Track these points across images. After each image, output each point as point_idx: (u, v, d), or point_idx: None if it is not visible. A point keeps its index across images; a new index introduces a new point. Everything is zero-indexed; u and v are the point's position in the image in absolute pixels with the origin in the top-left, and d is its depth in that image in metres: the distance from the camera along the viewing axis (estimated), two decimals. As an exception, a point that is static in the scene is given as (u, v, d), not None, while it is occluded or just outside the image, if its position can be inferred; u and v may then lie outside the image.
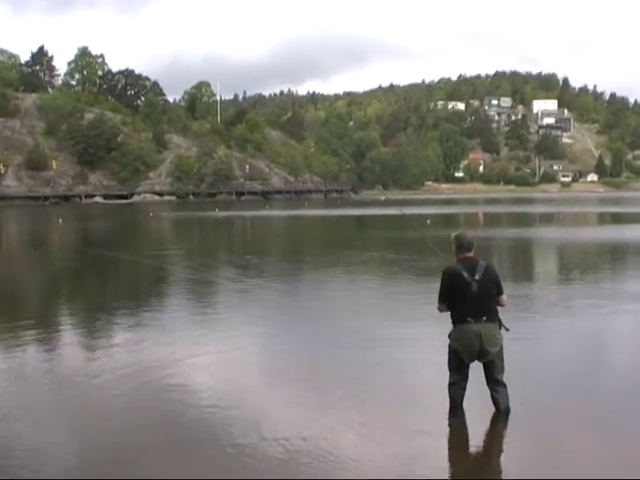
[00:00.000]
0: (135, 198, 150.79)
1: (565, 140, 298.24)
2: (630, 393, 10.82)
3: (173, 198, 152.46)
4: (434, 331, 12.82)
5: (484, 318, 9.13)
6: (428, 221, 58.97)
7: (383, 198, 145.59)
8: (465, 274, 9.17)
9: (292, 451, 8.30)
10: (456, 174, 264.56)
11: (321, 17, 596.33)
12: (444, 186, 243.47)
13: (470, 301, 9.12)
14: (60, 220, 69.64)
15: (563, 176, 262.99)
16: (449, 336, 9.42)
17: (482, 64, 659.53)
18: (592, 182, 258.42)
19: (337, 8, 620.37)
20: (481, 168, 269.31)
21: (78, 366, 12.67)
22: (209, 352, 13.45)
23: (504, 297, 9.51)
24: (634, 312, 17.92)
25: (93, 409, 10.21)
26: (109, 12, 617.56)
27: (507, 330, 9.48)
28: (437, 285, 9.47)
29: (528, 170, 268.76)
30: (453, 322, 9.37)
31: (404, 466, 7.95)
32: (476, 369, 9.40)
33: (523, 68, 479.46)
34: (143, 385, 11.30)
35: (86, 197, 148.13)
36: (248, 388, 11.24)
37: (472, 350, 9.19)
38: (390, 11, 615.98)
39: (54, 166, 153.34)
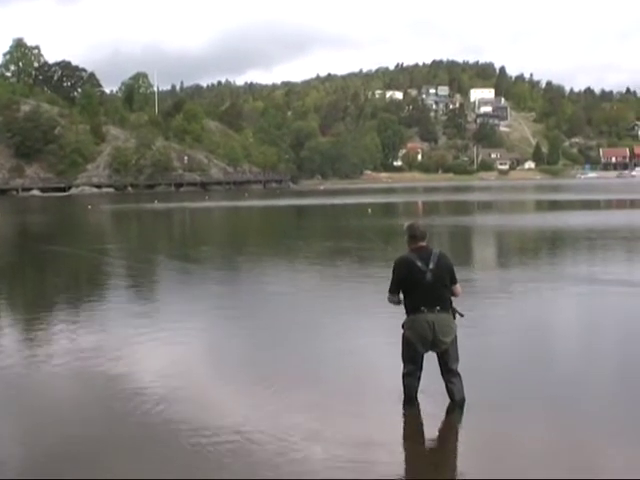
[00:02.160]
0: (73, 191, 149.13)
1: (502, 128, 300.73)
2: (580, 376, 10.97)
3: (111, 190, 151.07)
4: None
5: (438, 307, 9.11)
6: (369, 210, 59.21)
7: (322, 187, 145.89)
8: (419, 263, 9.14)
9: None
10: (395, 163, 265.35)
11: (263, 6, 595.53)
12: (383, 175, 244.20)
13: (424, 290, 9.09)
14: (-3, 214, 68.72)
15: (501, 164, 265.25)
16: (403, 326, 9.39)
17: (420, 53, 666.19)
18: (529, 170, 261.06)
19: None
20: (419, 157, 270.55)
21: (18, 358, 12.51)
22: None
23: (458, 287, 9.49)
24: (575, 294, 18.61)
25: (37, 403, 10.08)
26: (50, 2, 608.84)
27: (462, 316, 9.49)
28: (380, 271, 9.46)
29: (466, 158, 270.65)
30: (407, 312, 9.33)
31: (356, 454, 7.93)
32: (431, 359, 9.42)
33: (462, 57, 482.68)
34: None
35: (23, 190, 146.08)
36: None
37: (426, 340, 9.16)
38: (331, 0, 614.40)
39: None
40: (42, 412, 9.80)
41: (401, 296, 9.43)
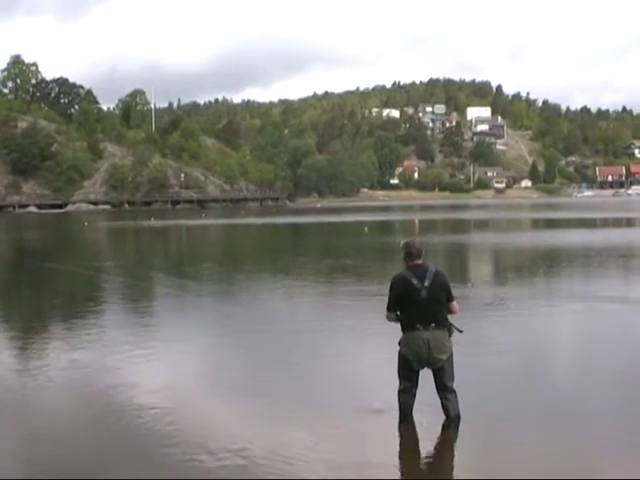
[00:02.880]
0: (69, 207, 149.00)
1: (499, 147, 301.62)
2: (577, 391, 11.04)
3: (108, 207, 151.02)
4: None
5: (433, 325, 9.15)
6: (366, 229, 59.27)
7: (319, 205, 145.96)
8: (414, 281, 9.19)
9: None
10: (391, 181, 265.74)
11: (261, 24, 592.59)
12: (379, 193, 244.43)
13: (419, 308, 9.15)
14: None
15: (497, 182, 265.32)
16: (399, 343, 9.44)
17: (417, 71, 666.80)
18: (526, 188, 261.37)
19: (277, 16, 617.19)
20: (416, 175, 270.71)
21: (19, 372, 12.54)
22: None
23: (455, 304, 9.51)
24: (572, 311, 18.73)
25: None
26: (50, 19, 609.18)
27: (460, 332, 9.54)
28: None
29: (462, 177, 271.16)
30: (402, 329, 9.40)
31: (354, 472, 7.97)
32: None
33: (458, 75, 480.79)
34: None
35: (20, 207, 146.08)
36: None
37: (421, 357, 9.21)
38: (331, 18, 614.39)
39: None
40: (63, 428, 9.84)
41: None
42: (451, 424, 9.32)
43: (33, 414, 10.46)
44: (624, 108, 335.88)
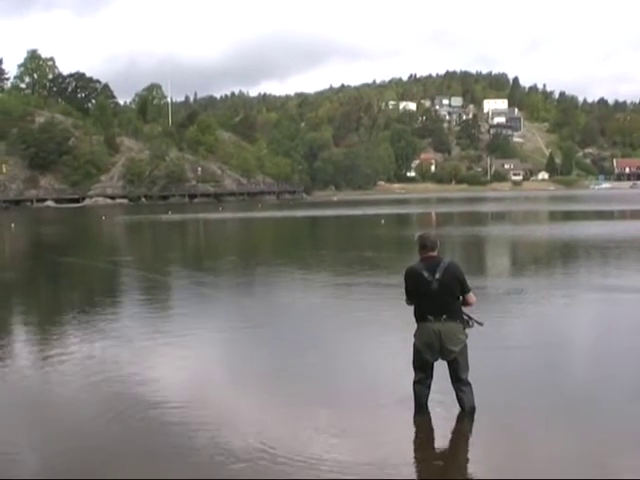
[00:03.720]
0: (87, 202, 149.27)
1: (516, 139, 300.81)
2: (592, 381, 11.08)
3: (125, 201, 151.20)
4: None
5: (444, 317, 9.23)
6: (382, 221, 59.30)
7: (336, 199, 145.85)
8: (425, 273, 9.26)
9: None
10: (408, 174, 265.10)
11: (277, 18, 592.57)
12: (396, 186, 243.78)
13: (430, 299, 9.23)
14: (12, 225, 68.94)
15: (514, 175, 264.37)
16: (414, 334, 9.52)
17: (433, 64, 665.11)
18: (543, 180, 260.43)
19: (294, 10, 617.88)
20: (433, 168, 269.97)
21: (39, 364, 12.66)
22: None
23: (471, 295, 9.55)
24: (591, 300, 18.97)
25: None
26: (68, 13, 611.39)
27: (481, 325, 9.63)
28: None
29: (479, 169, 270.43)
30: (416, 320, 9.49)
31: (366, 465, 8.03)
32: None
33: (475, 68, 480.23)
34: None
35: (37, 201, 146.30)
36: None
37: (432, 348, 9.30)
38: (347, 11, 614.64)
39: (4, 170, 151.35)
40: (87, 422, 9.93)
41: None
42: (466, 416, 9.38)
43: (54, 406, 10.56)
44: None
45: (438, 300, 9.23)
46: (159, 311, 19.19)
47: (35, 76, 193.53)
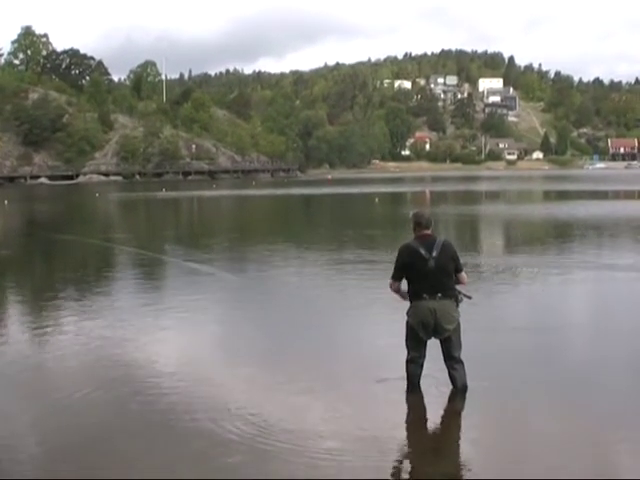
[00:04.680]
0: (81, 179, 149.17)
1: (511, 118, 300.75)
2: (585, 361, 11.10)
3: (119, 178, 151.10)
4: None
5: (439, 295, 9.21)
6: (376, 199, 59.30)
7: (330, 177, 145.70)
8: (422, 251, 9.22)
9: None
10: (402, 152, 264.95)
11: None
12: (390, 164, 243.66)
13: (426, 278, 9.19)
14: (5, 202, 68.71)
15: (509, 154, 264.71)
16: (407, 313, 9.49)
17: (429, 42, 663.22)
18: (537, 160, 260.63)
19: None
20: (427, 146, 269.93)
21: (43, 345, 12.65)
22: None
23: (463, 274, 9.59)
24: (584, 279, 19.23)
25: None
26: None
27: (470, 298, 9.63)
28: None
29: (474, 148, 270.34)
30: (410, 299, 9.45)
31: (360, 441, 8.04)
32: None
33: (470, 47, 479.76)
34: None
35: (31, 178, 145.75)
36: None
37: (427, 326, 9.27)
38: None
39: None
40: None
41: (403, 285, 9.55)
42: (458, 394, 9.38)
43: (52, 385, 10.53)
44: (637, 80, 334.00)
45: (434, 278, 9.20)
46: (153, 289, 19.21)
47: (29, 52, 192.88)
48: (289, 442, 7.99)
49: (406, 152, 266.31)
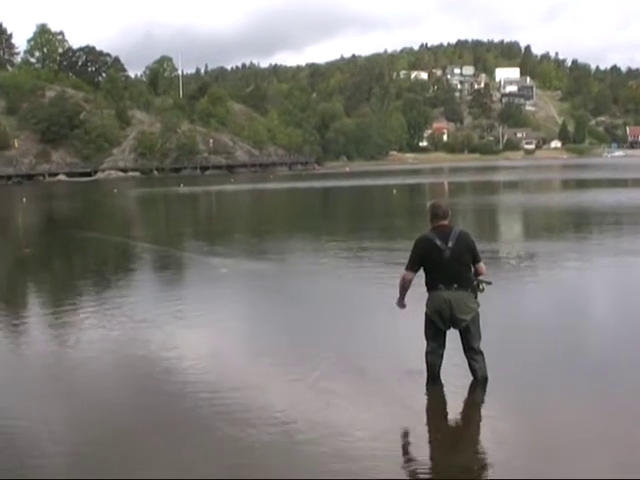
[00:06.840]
0: (99, 175, 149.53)
1: (528, 108, 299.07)
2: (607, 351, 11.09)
3: (137, 174, 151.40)
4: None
5: (455, 285, 9.22)
6: (394, 191, 59.28)
7: (347, 169, 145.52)
8: (438, 242, 9.24)
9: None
10: (420, 144, 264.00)
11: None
12: (408, 156, 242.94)
13: (442, 268, 9.22)
14: (24, 199, 69.00)
15: (527, 143, 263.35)
16: (426, 304, 9.52)
17: (445, 33, 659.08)
18: (555, 149, 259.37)
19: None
20: (445, 137, 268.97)
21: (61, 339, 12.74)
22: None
23: (482, 265, 9.57)
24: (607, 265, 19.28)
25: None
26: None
27: (490, 284, 9.65)
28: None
29: (492, 138, 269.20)
30: (427, 289, 9.48)
31: (379, 432, 8.09)
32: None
33: (487, 36, 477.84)
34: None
35: (49, 175, 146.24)
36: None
37: (443, 317, 9.30)
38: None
39: (16, 145, 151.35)
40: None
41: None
42: (478, 385, 9.38)
43: (79, 382, 10.58)
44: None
45: (450, 269, 9.22)
46: (175, 282, 19.27)
47: (45, 50, 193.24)
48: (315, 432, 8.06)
49: (424, 143, 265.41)
